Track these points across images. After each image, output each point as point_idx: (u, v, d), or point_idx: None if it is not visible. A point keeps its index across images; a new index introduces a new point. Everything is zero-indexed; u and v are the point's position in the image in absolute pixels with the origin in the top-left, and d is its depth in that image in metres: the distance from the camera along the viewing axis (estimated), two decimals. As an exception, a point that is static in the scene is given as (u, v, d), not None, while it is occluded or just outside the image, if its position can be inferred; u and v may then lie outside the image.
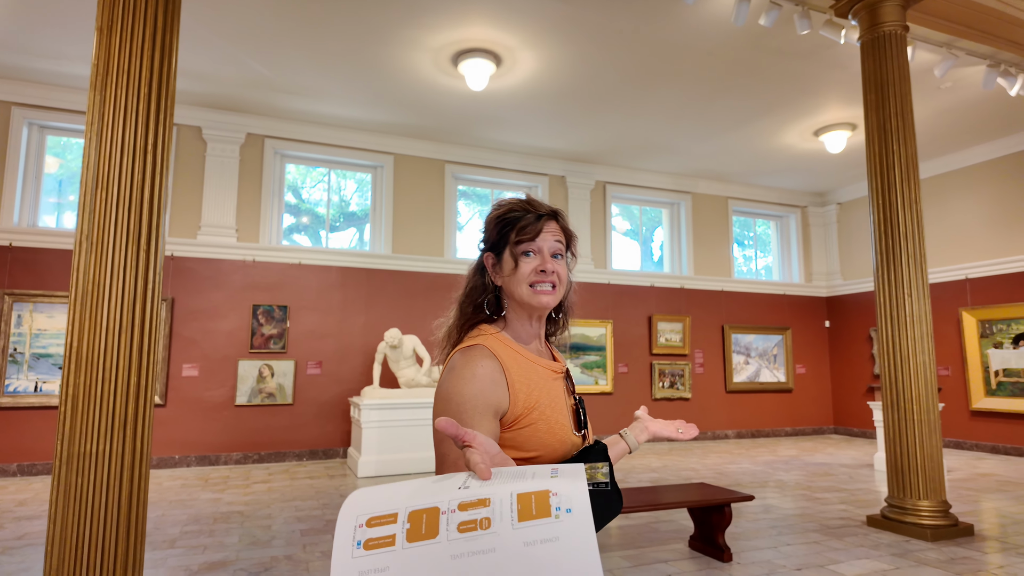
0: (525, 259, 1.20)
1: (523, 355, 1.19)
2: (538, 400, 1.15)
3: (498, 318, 1.24)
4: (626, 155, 9.78)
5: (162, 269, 3.02)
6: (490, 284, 1.25)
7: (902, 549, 4.13)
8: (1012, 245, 8.77)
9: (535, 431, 1.13)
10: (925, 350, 4.61)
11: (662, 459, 8.12)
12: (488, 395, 1.08)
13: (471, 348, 1.14)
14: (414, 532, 0.61)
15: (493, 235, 1.24)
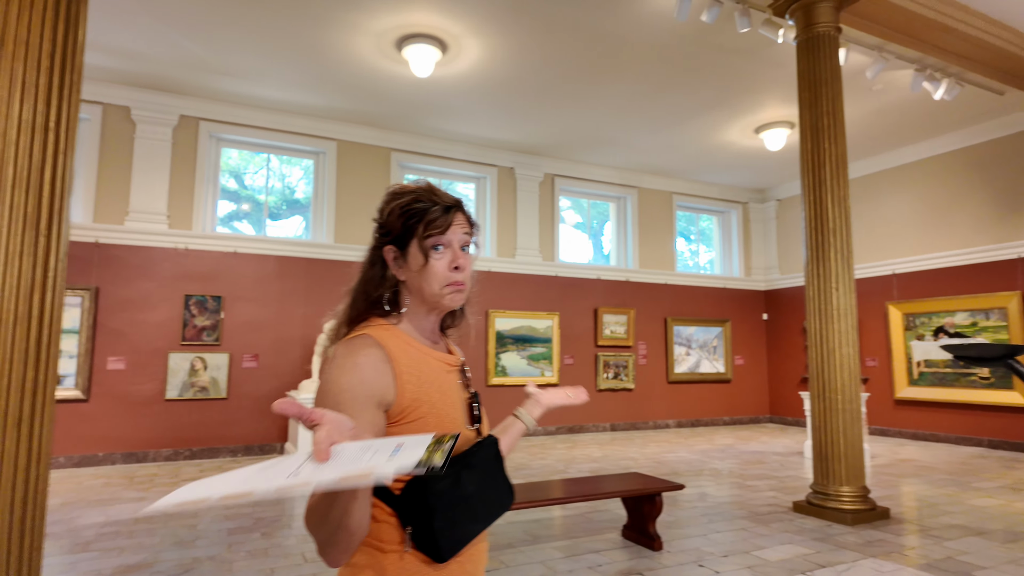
0: (436, 254, 1.14)
1: (414, 346, 1.14)
2: (428, 393, 1.10)
3: (395, 313, 1.18)
4: (574, 148, 9.81)
5: (66, 257, 2.82)
6: (392, 278, 1.18)
7: (824, 534, 4.29)
8: (936, 242, 9.24)
9: (424, 425, 1.08)
10: (850, 342, 4.80)
11: (603, 449, 8.23)
12: (370, 385, 1.02)
13: (354, 338, 1.09)
14: None
15: (397, 227, 1.16)
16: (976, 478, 6.36)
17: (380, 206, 1.21)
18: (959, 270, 8.86)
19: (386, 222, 1.18)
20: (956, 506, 5.14)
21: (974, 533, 4.33)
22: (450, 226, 1.16)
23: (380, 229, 1.19)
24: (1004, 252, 8.36)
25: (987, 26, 6.01)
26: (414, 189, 1.19)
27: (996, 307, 8.35)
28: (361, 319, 1.16)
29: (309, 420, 0.75)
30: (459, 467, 1.07)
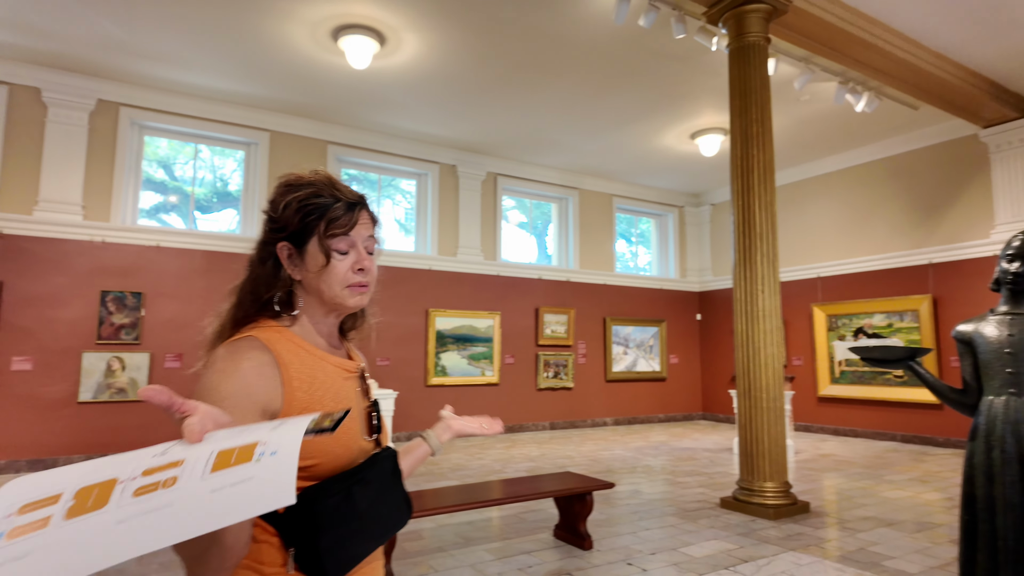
0: (338, 255, 1.06)
1: (307, 350, 1.05)
2: (321, 400, 1.02)
3: (287, 315, 1.08)
4: (517, 148, 9.81)
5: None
6: (286, 278, 1.08)
7: (748, 528, 4.43)
8: (857, 248, 9.75)
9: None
10: (774, 342, 4.97)
11: (541, 448, 8.27)
12: (253, 391, 0.94)
13: (239, 340, 1.00)
14: (77, 508, 0.55)
15: (294, 223, 1.06)
16: (889, 471, 6.73)
17: (272, 197, 1.10)
18: (877, 274, 9.38)
19: (281, 217, 1.08)
20: (870, 499, 5.41)
21: (885, 524, 4.56)
22: (354, 225, 1.08)
23: (273, 223, 1.09)
24: (917, 258, 8.90)
25: (903, 44, 6.35)
26: (312, 181, 1.09)
27: (909, 309, 8.87)
28: (248, 320, 1.07)
29: (180, 409, 0.66)
30: (351, 482, 1.00)
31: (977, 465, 1.96)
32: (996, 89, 7.47)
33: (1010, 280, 1.95)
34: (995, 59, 6.83)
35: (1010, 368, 1.90)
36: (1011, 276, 1.94)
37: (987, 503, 1.90)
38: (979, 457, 1.95)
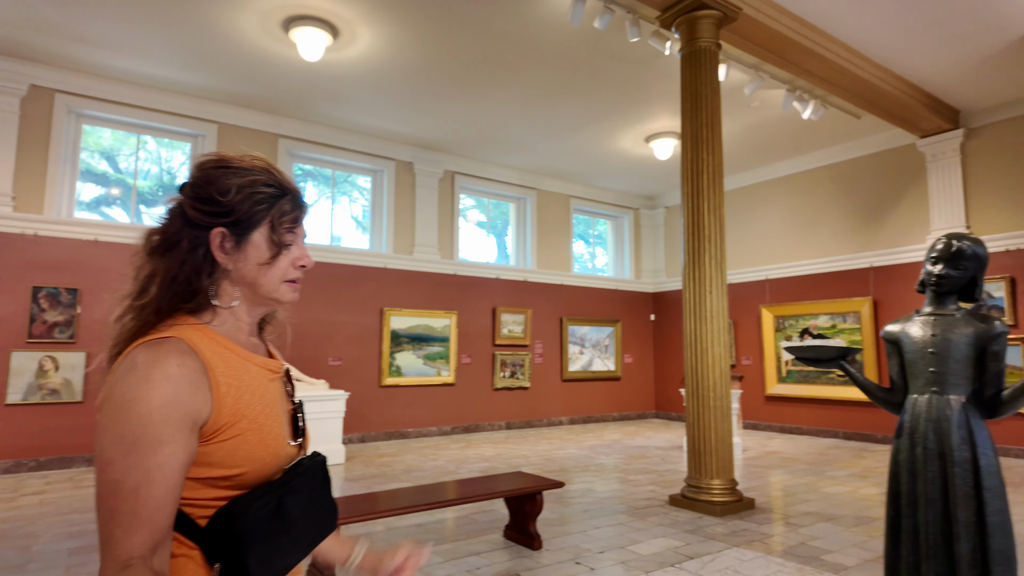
0: (286, 251, 1.02)
1: (232, 351, 0.98)
2: (250, 405, 0.95)
3: (210, 310, 0.99)
4: (475, 146, 9.76)
5: None
6: (226, 266, 0.98)
7: (695, 525, 4.51)
8: (803, 251, 10.07)
9: (242, 443, 0.93)
10: (721, 342, 5.07)
11: (497, 448, 8.24)
12: (185, 402, 0.86)
13: (161, 342, 0.90)
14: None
15: (241, 210, 0.98)
16: (831, 467, 6.97)
17: (210, 177, 0.99)
18: (822, 277, 9.71)
19: (229, 201, 0.97)
20: (813, 494, 5.59)
21: (826, 519, 4.71)
22: (302, 219, 1.05)
23: (213, 206, 0.97)
24: (859, 261, 9.26)
25: (847, 55, 6.59)
26: (251, 166, 1.02)
27: (852, 311, 9.22)
28: (164, 315, 0.96)
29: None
30: (282, 491, 0.94)
31: (902, 462, 2.02)
32: (932, 101, 7.83)
33: (933, 282, 2.02)
34: (932, 72, 7.16)
35: (933, 367, 1.97)
36: (934, 278, 2.00)
37: (910, 499, 1.96)
38: (904, 454, 2.01)
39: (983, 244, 2.03)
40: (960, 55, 6.74)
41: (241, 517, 0.88)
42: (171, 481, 0.85)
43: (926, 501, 1.90)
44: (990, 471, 1.84)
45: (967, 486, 1.85)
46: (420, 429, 9.28)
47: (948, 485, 1.88)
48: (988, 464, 1.85)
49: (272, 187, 1.01)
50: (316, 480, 1.04)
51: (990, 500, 1.81)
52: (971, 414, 1.92)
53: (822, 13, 5.95)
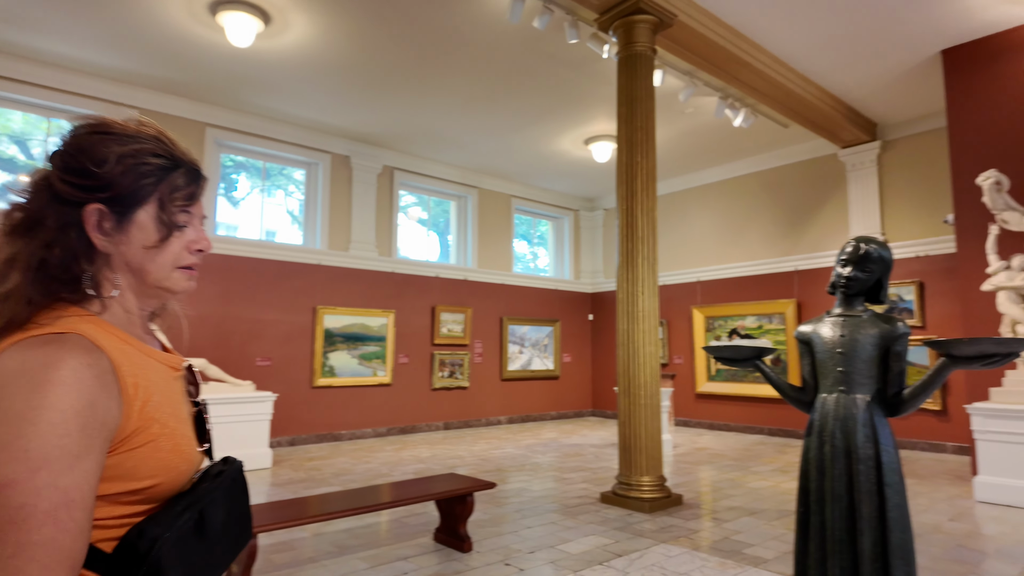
0: (180, 232, 0.90)
1: (134, 346, 0.86)
2: (159, 407, 0.84)
3: (94, 299, 0.85)
4: (415, 142, 9.61)
5: None
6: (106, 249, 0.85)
7: (624, 522, 4.57)
8: (733, 254, 10.44)
9: (155, 450, 0.81)
10: (652, 342, 5.17)
11: (433, 448, 8.14)
12: (100, 407, 0.74)
13: (56, 339, 0.76)
14: None
15: (124, 184, 0.84)
16: (755, 462, 7.24)
17: (83, 144, 0.85)
18: (750, 279, 10.10)
19: (107, 172, 0.84)
20: (738, 489, 5.78)
21: (749, 513, 4.88)
22: (199, 197, 0.93)
23: (87, 178, 0.83)
24: (784, 265, 9.67)
25: (776, 65, 6.86)
26: (137, 133, 0.88)
27: (777, 312, 9.63)
28: (37, 306, 0.80)
29: None
30: (203, 503, 0.85)
31: (811, 460, 2.07)
32: (852, 113, 8.26)
33: (843, 284, 2.09)
34: (852, 86, 7.55)
35: (841, 367, 2.03)
36: (844, 280, 2.07)
37: (819, 495, 2.01)
38: (813, 452, 2.07)
39: (888, 248, 2.11)
40: (877, 70, 7.13)
41: (160, 538, 0.77)
42: (90, 502, 0.73)
43: (833, 497, 1.95)
44: (891, 467, 1.92)
45: (870, 482, 1.91)
46: (354, 431, 9.05)
47: (853, 482, 1.94)
48: (890, 461, 1.92)
49: (163, 158, 0.89)
50: (236, 489, 0.95)
51: (891, 496, 1.88)
52: (875, 412, 1.98)
53: (753, 24, 6.16)
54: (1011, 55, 6.15)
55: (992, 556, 3.79)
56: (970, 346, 1.64)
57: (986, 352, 1.61)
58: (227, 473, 0.93)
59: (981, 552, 3.88)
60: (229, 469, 0.94)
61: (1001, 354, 1.60)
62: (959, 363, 1.71)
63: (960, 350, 1.67)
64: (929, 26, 6.16)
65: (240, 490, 0.96)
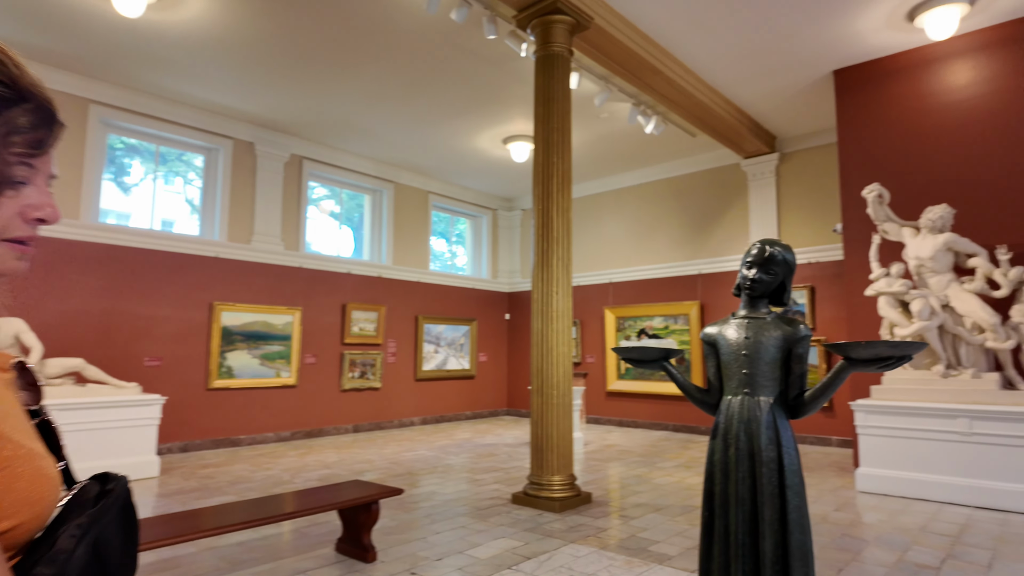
0: (11, 190, 0.67)
1: None
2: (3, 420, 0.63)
3: None
4: (327, 132, 9.19)
5: None
6: None
7: (535, 523, 4.54)
8: (643, 257, 10.77)
9: (12, 479, 0.61)
10: (565, 341, 5.19)
11: (341, 453, 7.82)
12: None
13: None
14: None
15: None
16: (661, 458, 7.48)
17: None
18: (658, 281, 10.46)
19: None
20: (644, 485, 5.92)
21: (654, 510, 4.99)
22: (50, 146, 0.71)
23: None
24: (689, 268, 10.09)
25: (685, 74, 7.10)
26: None
27: (682, 313, 10.02)
28: None
29: None
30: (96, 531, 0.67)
31: (716, 462, 2.07)
32: (755, 126, 8.72)
33: (748, 286, 2.10)
34: (755, 99, 7.96)
35: (746, 369, 2.04)
36: (749, 282, 2.09)
37: (723, 499, 2.02)
38: (718, 455, 2.07)
39: (792, 251, 2.15)
40: (777, 86, 7.55)
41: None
42: None
43: (737, 501, 1.96)
44: (792, 469, 1.95)
45: (772, 485, 1.93)
46: (254, 436, 8.54)
47: (756, 484, 1.96)
48: (791, 463, 1.95)
49: (6, 87, 0.66)
50: (129, 511, 0.76)
51: (791, 498, 1.91)
52: (777, 414, 2.00)
53: (666, 33, 6.33)
54: (895, 78, 6.69)
55: (872, 544, 4.08)
56: (867, 349, 1.70)
57: (881, 355, 1.68)
58: (116, 493, 0.74)
59: (863, 540, 4.16)
60: (117, 488, 0.75)
61: (895, 357, 1.67)
62: (857, 365, 1.77)
63: (858, 353, 1.72)
64: (823, 47, 6.59)
65: (132, 513, 0.77)
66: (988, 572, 3.51)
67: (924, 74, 6.51)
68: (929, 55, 6.49)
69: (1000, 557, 3.78)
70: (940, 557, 3.77)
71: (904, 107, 6.61)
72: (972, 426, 5.12)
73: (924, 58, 6.52)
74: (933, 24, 5.81)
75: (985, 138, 6.10)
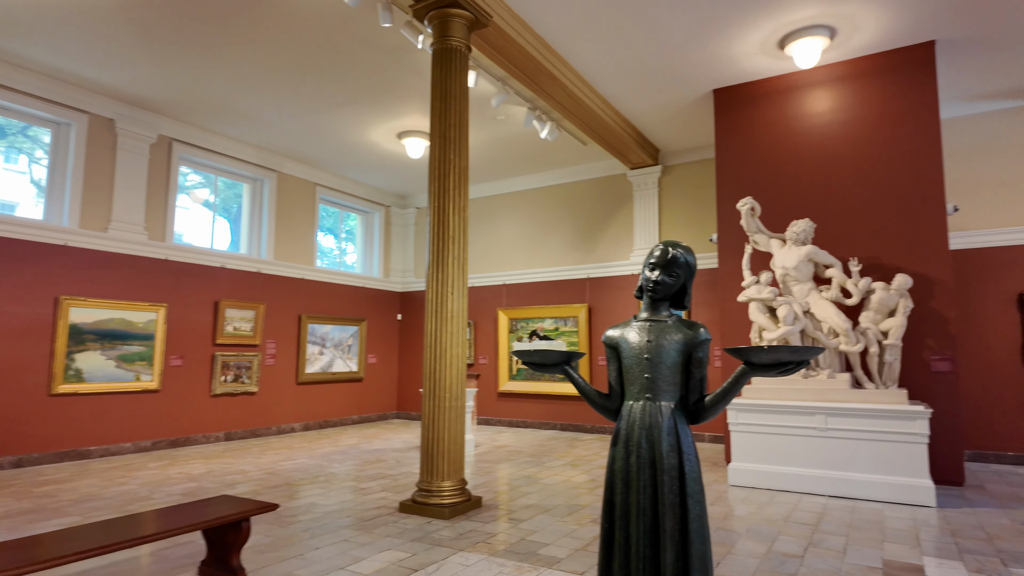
0: None
1: None
2: None
3: None
4: (203, 113, 8.42)
5: None
6: None
7: (423, 532, 4.38)
8: (536, 260, 10.90)
9: None
10: (460, 343, 5.07)
11: (210, 463, 7.17)
12: None
13: None
14: None
15: None
16: (550, 457, 7.57)
17: None
18: (549, 284, 10.63)
19: None
20: (533, 486, 5.93)
21: (543, 511, 5.00)
22: None
23: None
24: (579, 272, 10.35)
25: (579, 83, 7.25)
26: None
27: (571, 316, 10.26)
28: None
29: None
30: None
31: (617, 471, 1.99)
32: (641, 138, 9.11)
33: (651, 288, 2.04)
34: (642, 112, 8.29)
35: (647, 373, 1.98)
36: (652, 284, 2.04)
37: (624, 510, 1.94)
38: (619, 463, 1.99)
39: (694, 253, 2.14)
40: (663, 101, 7.92)
41: None
42: None
43: (638, 512, 1.90)
44: (693, 477, 1.91)
45: (673, 494, 1.89)
46: (108, 447, 7.63)
47: (657, 494, 1.91)
48: (692, 470, 1.91)
49: None
50: None
51: (692, 507, 1.87)
52: (678, 420, 1.97)
53: (561, 40, 6.41)
54: (768, 101, 7.24)
55: (744, 536, 4.33)
56: (768, 354, 1.70)
57: (782, 360, 1.70)
58: None
59: (736, 533, 4.41)
60: None
61: (795, 362, 1.71)
62: (757, 370, 1.76)
63: (759, 358, 1.72)
64: (705, 67, 6.99)
65: None
66: (843, 557, 3.83)
67: (792, 99, 7.11)
68: (797, 82, 7.08)
69: (852, 543, 4.15)
70: (803, 545, 4.08)
71: (775, 128, 7.17)
72: (827, 422, 5.63)
73: (793, 84, 7.11)
74: (800, 53, 6.34)
75: (841, 161, 6.76)
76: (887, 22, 6.05)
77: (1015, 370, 7.25)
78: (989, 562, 3.73)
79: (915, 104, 6.45)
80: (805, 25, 6.13)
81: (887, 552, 3.92)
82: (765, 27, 6.15)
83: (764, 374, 1.77)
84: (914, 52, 6.47)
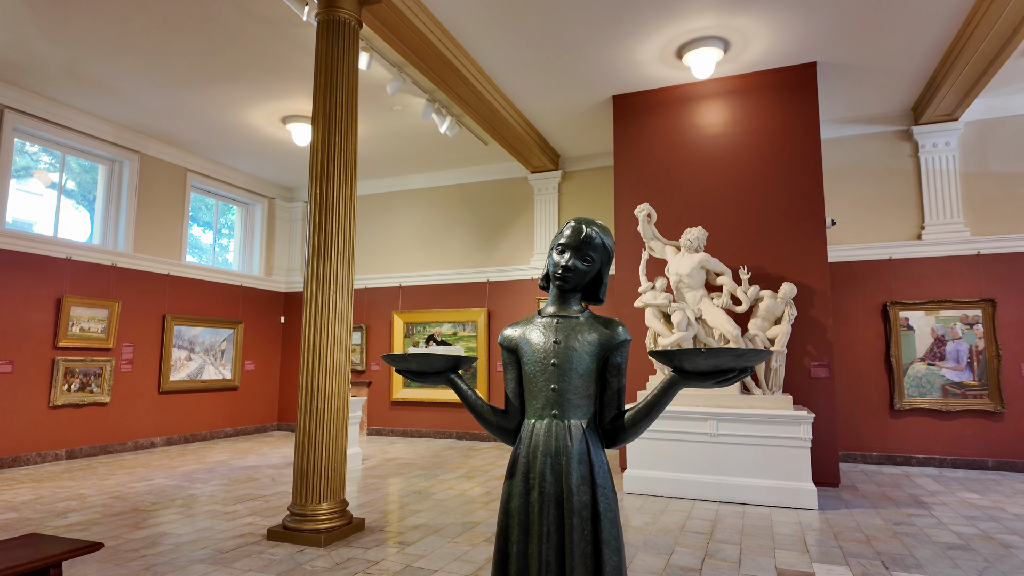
0: None
1: None
2: None
3: None
4: (47, 80, 7.24)
5: None
6: None
7: (292, 563, 3.83)
8: (434, 262, 10.46)
9: None
10: (342, 348, 4.56)
11: (41, 487, 6.07)
12: None
13: None
14: None
15: None
16: (443, 469, 7.16)
17: None
18: (448, 287, 10.24)
19: None
20: (424, 503, 5.50)
21: (433, 532, 4.59)
22: None
23: None
24: (478, 276, 10.04)
25: (480, 77, 6.95)
26: None
27: (471, 320, 9.92)
28: None
29: None
30: None
31: (513, 512, 1.55)
32: (542, 141, 8.97)
33: (559, 275, 1.63)
34: (543, 114, 8.14)
35: (554, 384, 1.58)
36: (561, 270, 1.62)
37: (522, 564, 1.50)
38: (516, 501, 1.55)
39: (611, 233, 1.71)
40: (564, 104, 7.81)
41: None
42: None
43: (540, 566, 1.48)
44: (609, 517, 1.51)
45: (585, 542, 1.49)
46: (-98, 471, 6.27)
47: (565, 542, 1.50)
48: (607, 509, 1.51)
49: None
50: None
51: (608, 557, 1.47)
52: (592, 443, 1.57)
53: (462, 28, 6.07)
54: (665, 109, 7.31)
55: (642, 549, 4.17)
56: (706, 359, 1.34)
57: (722, 366, 1.34)
58: None
59: (634, 546, 4.24)
60: None
61: (738, 368, 1.35)
62: (691, 379, 1.41)
63: (695, 364, 1.36)
64: (605, 71, 6.93)
65: None
66: (739, 568, 3.75)
67: (688, 109, 7.23)
68: (692, 93, 7.21)
69: (746, 551, 4.11)
70: (700, 557, 3.97)
71: (671, 136, 7.25)
72: (718, 427, 5.67)
73: (689, 95, 7.23)
74: (696, 63, 6.44)
75: (732, 172, 6.94)
76: (775, 39, 6.27)
77: (879, 375, 7.80)
78: (872, 565, 3.80)
79: (799, 121, 6.75)
80: (702, 35, 6.21)
81: (780, 560, 3.91)
82: (664, 33, 6.17)
83: (700, 384, 1.42)
84: (799, 72, 6.78)
